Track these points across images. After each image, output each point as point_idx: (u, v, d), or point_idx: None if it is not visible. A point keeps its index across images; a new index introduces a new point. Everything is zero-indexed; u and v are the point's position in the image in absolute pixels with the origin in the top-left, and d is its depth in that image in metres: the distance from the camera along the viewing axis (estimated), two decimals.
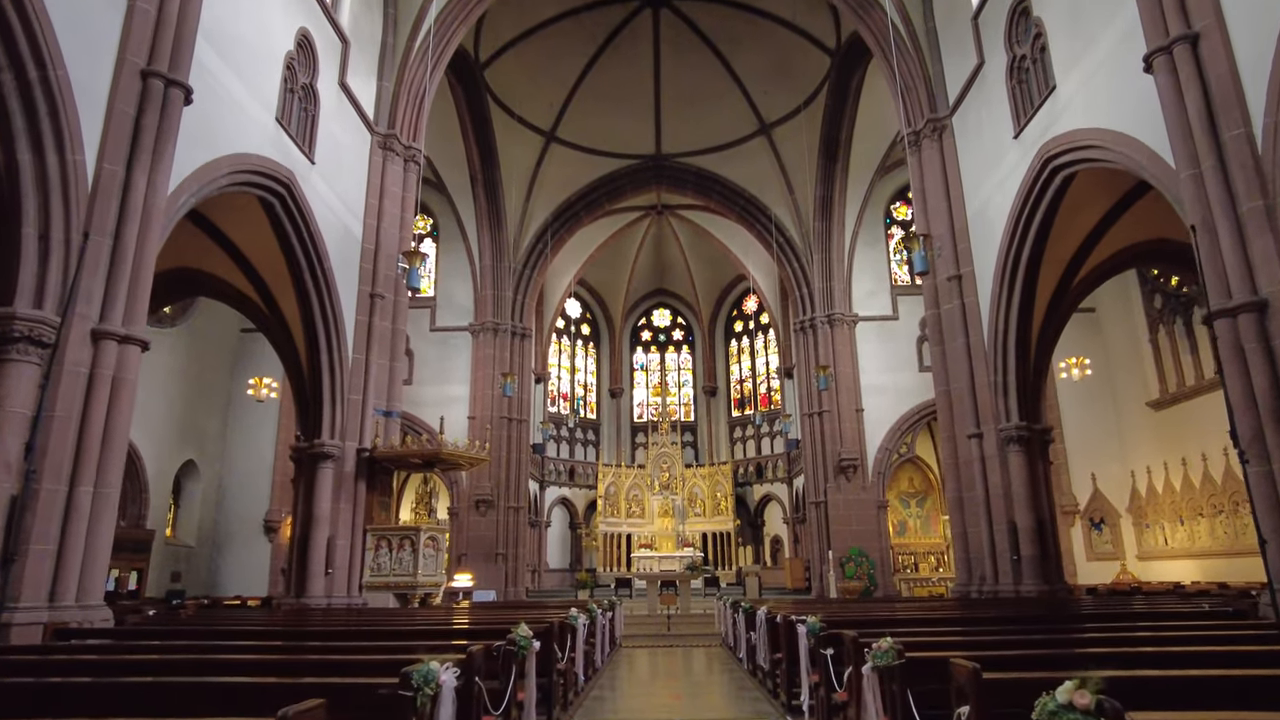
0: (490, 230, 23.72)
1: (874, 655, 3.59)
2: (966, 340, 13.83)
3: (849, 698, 4.31)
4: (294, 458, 13.65)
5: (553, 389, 29.72)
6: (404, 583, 13.21)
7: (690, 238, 29.35)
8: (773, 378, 29.95)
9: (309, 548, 12.90)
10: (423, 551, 13.31)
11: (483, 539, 22.28)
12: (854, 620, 6.21)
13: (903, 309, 24.07)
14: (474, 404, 23.18)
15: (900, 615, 7.61)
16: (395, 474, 26.92)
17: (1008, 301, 13.08)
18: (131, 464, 20.13)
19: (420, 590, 13.22)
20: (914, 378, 23.34)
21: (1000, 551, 12.85)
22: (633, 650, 13.24)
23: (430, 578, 13.37)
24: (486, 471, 22.54)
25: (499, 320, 23.63)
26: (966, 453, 13.61)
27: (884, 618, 7.37)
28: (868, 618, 7.01)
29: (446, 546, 22.26)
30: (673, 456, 29.28)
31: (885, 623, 6.69)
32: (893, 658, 3.49)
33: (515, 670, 4.47)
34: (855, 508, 22.23)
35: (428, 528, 13.57)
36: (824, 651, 4.99)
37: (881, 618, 7.33)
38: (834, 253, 23.63)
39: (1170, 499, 20.16)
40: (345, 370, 13.69)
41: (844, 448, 22.37)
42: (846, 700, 4.34)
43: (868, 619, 6.76)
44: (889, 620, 7.05)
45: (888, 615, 7.85)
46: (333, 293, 13.41)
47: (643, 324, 33.06)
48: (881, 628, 6.14)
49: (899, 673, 3.47)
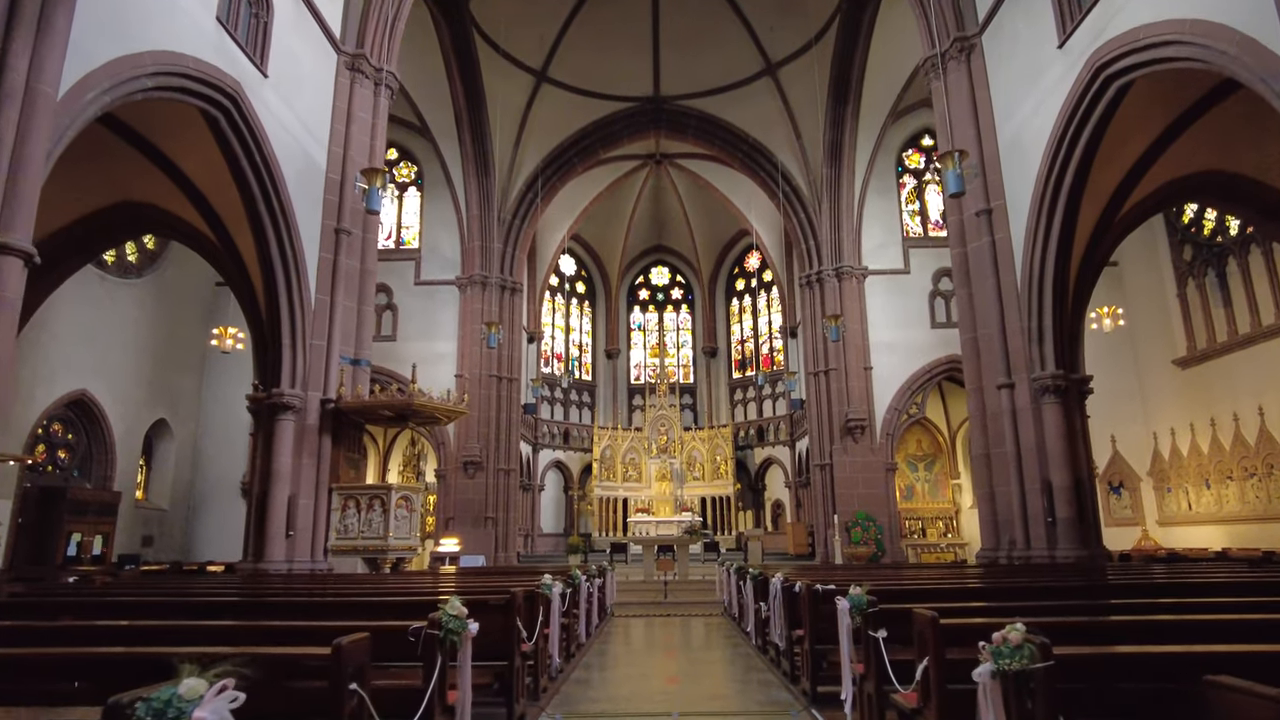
0: (477, 177, 22.08)
1: (997, 652, 2.20)
2: (997, 281, 12.33)
3: (921, 702, 2.94)
4: (252, 409, 12.24)
5: (546, 349, 28.25)
6: (374, 546, 11.87)
7: (690, 190, 27.69)
8: (775, 337, 28.46)
9: (268, 508, 11.53)
10: (395, 512, 11.96)
11: (471, 502, 20.96)
12: (890, 591, 4.83)
13: (914, 262, 22.54)
14: (461, 361, 21.74)
15: (943, 585, 6.23)
16: (385, 432, 25.59)
17: (1044, 238, 11.57)
18: (96, 423, 18.74)
19: (391, 555, 11.89)
20: (925, 334, 21.93)
21: (1033, 514, 11.48)
22: (626, 620, 11.93)
23: (403, 541, 12.02)
24: (475, 432, 21.18)
25: (487, 273, 22.09)
26: (995, 405, 12.19)
27: (919, 587, 6.00)
28: (901, 587, 5.64)
29: (423, 507, 20.95)
30: (671, 419, 27.94)
31: (926, 595, 5.33)
32: (1029, 657, 2.10)
33: (442, 661, 3.09)
34: (862, 470, 20.91)
35: (400, 487, 12.20)
36: (874, 634, 3.62)
37: (917, 587, 5.96)
38: (843, 202, 22.02)
39: (1196, 462, 18.83)
40: (307, 313, 12.21)
41: (851, 408, 20.98)
42: (918, 707, 2.96)
43: (900, 589, 5.39)
44: (929, 591, 5.68)
45: (922, 584, 6.47)
46: (291, 225, 11.88)
47: (640, 282, 31.46)
48: (926, 601, 4.76)
49: (1040, 681, 2.08)
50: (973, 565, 12.37)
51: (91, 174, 12.49)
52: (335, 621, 3.75)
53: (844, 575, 8.35)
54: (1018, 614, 3.95)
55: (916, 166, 23.65)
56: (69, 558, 16.94)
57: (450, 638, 3.07)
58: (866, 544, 20.26)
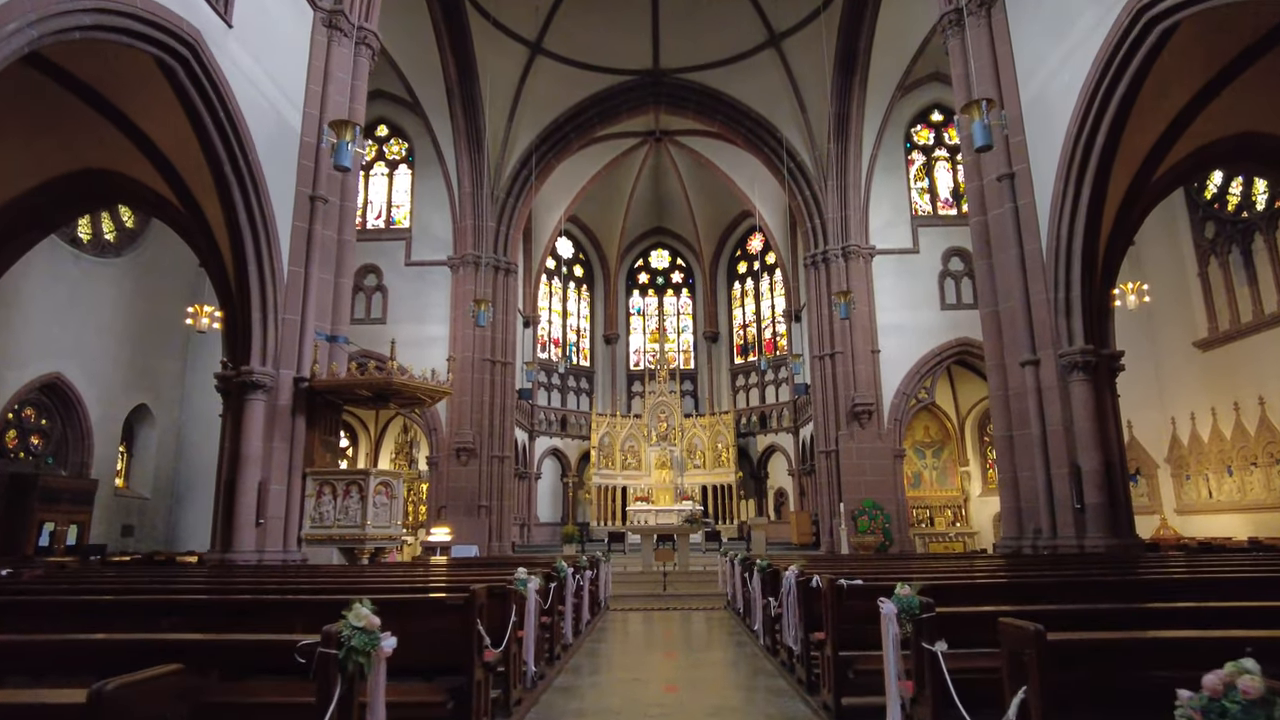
0: (469, 153, 21.10)
1: (1215, 709, 1.31)
2: (1020, 251, 11.39)
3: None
4: (220, 388, 11.33)
5: (543, 334, 27.32)
6: (350, 535, 10.98)
7: (691, 169, 26.70)
8: (778, 321, 27.52)
9: (236, 494, 10.64)
10: (373, 499, 11.06)
11: (464, 490, 20.09)
12: (933, 588, 3.93)
13: (924, 241, 21.58)
14: (453, 344, 20.82)
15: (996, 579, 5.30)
16: (376, 419, 24.70)
17: (1073, 203, 10.62)
18: (71, 407, 17.86)
19: (370, 544, 11.00)
20: (935, 316, 21.00)
21: (1060, 499, 10.58)
22: (622, 615, 11.06)
23: (382, 530, 11.13)
24: (468, 417, 20.30)
25: (480, 253, 21.14)
26: (1019, 383, 11.26)
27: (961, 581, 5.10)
28: (942, 582, 4.73)
29: (416, 495, 20.07)
30: (671, 406, 27.03)
31: (976, 593, 4.44)
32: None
33: (343, 688, 2.20)
34: (869, 457, 20.01)
35: (379, 472, 11.30)
36: (932, 648, 2.74)
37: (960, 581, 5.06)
38: (850, 178, 21.04)
39: (1218, 447, 17.92)
40: (279, 285, 11.29)
41: (858, 392, 20.06)
42: None
43: (942, 584, 4.48)
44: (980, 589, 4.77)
45: (963, 578, 5.56)
46: (261, 190, 10.94)
47: (639, 265, 30.47)
48: (980, 600, 3.87)
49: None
50: (993, 556, 11.47)
51: (47, 140, 11.56)
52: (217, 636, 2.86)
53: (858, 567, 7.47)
54: (1111, 620, 3.05)
55: (925, 142, 22.67)
56: (41, 548, 16.09)
57: (355, 659, 2.19)
58: (874, 533, 19.38)
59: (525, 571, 4.79)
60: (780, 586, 6.19)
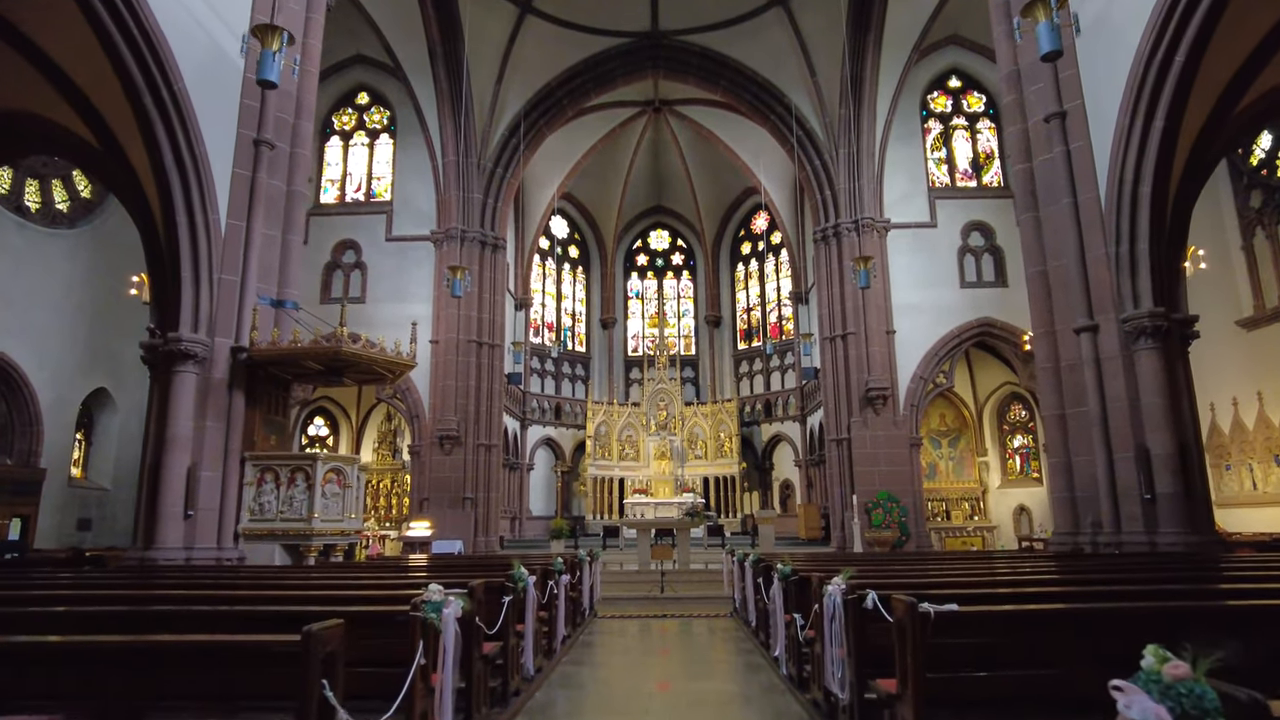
0: (454, 119, 19.38)
1: None
2: (1074, 201, 9.69)
3: None
4: (147, 359, 9.67)
5: (535, 317, 25.64)
6: (295, 530, 9.33)
7: (692, 143, 24.98)
8: (784, 304, 25.80)
9: (160, 482, 8.99)
10: (322, 489, 9.42)
11: (448, 481, 18.45)
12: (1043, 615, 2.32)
13: (942, 215, 19.88)
14: (437, 325, 19.16)
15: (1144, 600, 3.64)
16: (358, 406, 23.03)
17: (1141, 140, 8.92)
18: (16, 390, 16.20)
19: (318, 540, 9.35)
20: (954, 294, 19.32)
21: (1124, 488, 8.90)
22: (612, 623, 9.40)
23: (333, 524, 9.48)
24: (452, 403, 18.65)
25: (465, 227, 19.46)
26: (1072, 353, 9.58)
27: (1090, 608, 3.44)
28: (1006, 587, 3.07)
29: (397, 486, 18.40)
30: (671, 393, 25.37)
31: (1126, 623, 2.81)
32: None
33: None
34: (884, 445, 18.33)
35: (329, 457, 9.67)
36: None
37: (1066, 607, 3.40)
38: (863, 146, 19.32)
39: (1264, 435, 16.22)
40: (214, 240, 9.62)
41: (872, 376, 18.37)
42: None
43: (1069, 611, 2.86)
44: (1121, 618, 3.13)
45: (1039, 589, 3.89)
46: (190, 127, 9.26)
47: (638, 246, 28.72)
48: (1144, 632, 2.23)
49: None
50: (1044, 555, 9.79)
51: None
52: None
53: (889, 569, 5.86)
54: None
55: (943, 110, 20.95)
56: None
57: None
58: (889, 527, 17.72)
59: (438, 589, 3.13)
60: (809, 600, 4.58)
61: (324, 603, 3.75)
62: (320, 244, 19.97)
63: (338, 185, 20.95)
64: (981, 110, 20.95)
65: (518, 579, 4.87)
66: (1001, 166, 20.55)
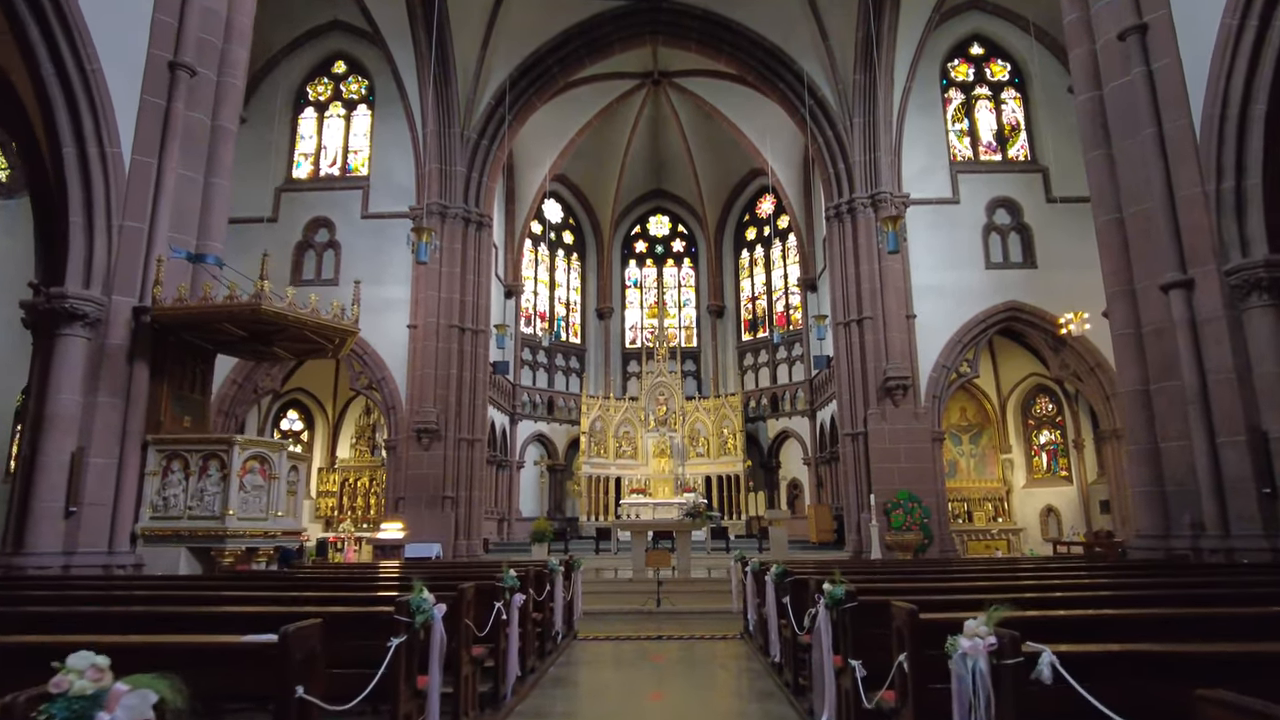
0: (436, 86, 17.58)
1: None
2: (1159, 130, 7.84)
3: None
4: (28, 320, 7.85)
5: (527, 306, 23.79)
6: (206, 530, 7.49)
7: (694, 120, 23.15)
8: (792, 292, 23.93)
9: (36, 470, 7.16)
10: (241, 480, 7.58)
11: (426, 479, 16.59)
12: None
13: (965, 190, 18.05)
14: (415, 309, 17.34)
15: None
16: (334, 398, 21.15)
17: (1254, 49, 7.08)
18: None
19: (233, 543, 7.51)
20: (979, 276, 17.48)
21: (1233, 481, 7.03)
22: (595, 648, 7.53)
23: (255, 523, 7.64)
24: (431, 393, 16.82)
25: (447, 203, 17.65)
26: (1158, 314, 7.73)
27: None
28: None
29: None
30: (671, 387, 23.51)
31: None
32: None
33: None
34: (904, 440, 16.45)
35: (250, 441, 7.84)
36: None
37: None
38: (879, 114, 17.49)
39: None
40: (115, 178, 7.79)
41: (891, 364, 16.51)
42: None
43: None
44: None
45: None
46: (79, 36, 7.45)
47: (636, 232, 26.81)
48: None
49: None
50: (1131, 562, 7.87)
51: None
52: None
53: (971, 584, 4.02)
54: None
55: (964, 79, 19.13)
56: None
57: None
58: (911, 529, 15.83)
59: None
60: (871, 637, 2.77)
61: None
62: (291, 222, 18.23)
63: (311, 159, 19.18)
64: (1006, 79, 19.14)
65: (416, 608, 3.02)
66: (1029, 139, 18.75)
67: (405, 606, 3.07)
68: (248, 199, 18.09)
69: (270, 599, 4.16)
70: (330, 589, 4.96)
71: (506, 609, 4.60)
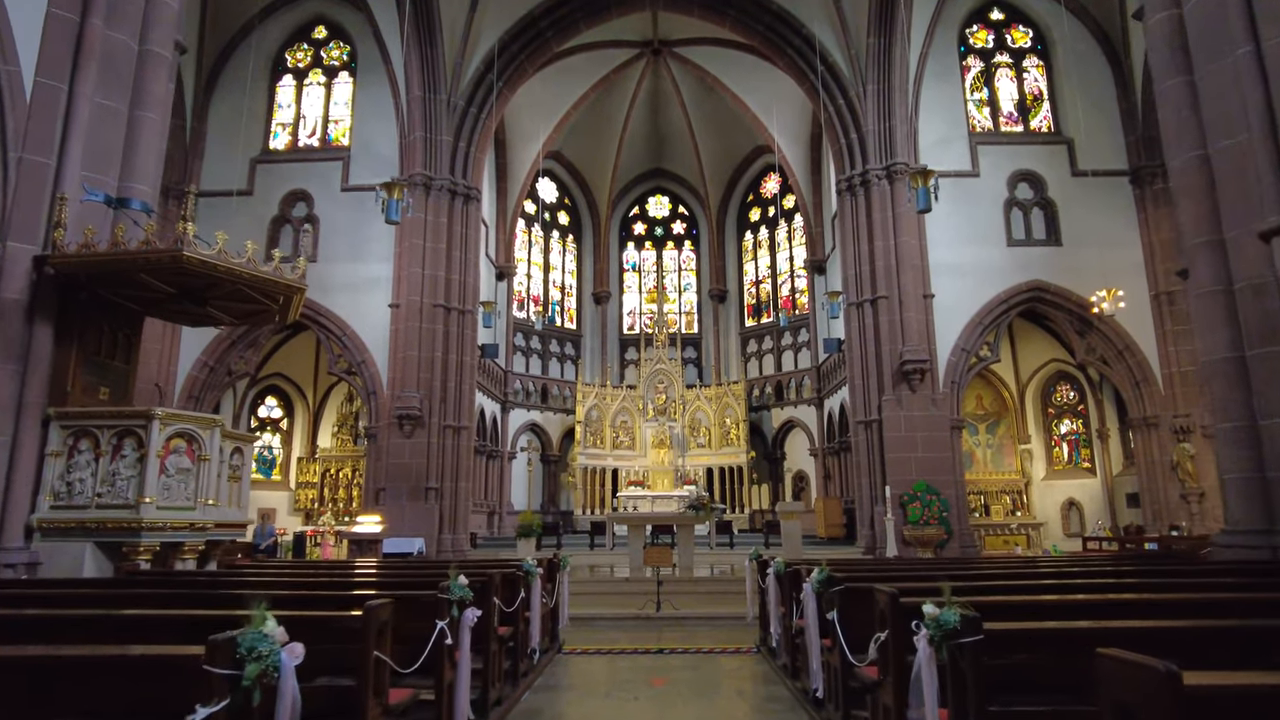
0: (420, 49, 16.25)
1: None
2: (1255, 49, 6.51)
3: None
4: None
5: (520, 289, 22.46)
6: (118, 522, 6.17)
7: (696, 94, 21.81)
8: (798, 275, 22.61)
9: None
10: (159, 461, 6.27)
11: (408, 469, 15.29)
12: None
13: (985, 163, 16.78)
14: (398, 287, 16.03)
15: None
16: (315, 385, 19.81)
17: None
18: None
19: (151, 537, 6.20)
20: (1000, 254, 16.26)
21: None
22: (583, 664, 6.22)
23: (179, 513, 6.33)
24: (413, 376, 15.50)
25: (432, 174, 16.31)
26: (1254, 268, 6.40)
27: None
28: None
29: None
30: (671, 375, 22.21)
31: None
32: None
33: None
34: (921, 428, 15.16)
35: (173, 415, 6.51)
36: None
37: None
38: (895, 80, 16.17)
39: None
40: (11, 102, 6.46)
41: (908, 346, 15.22)
42: None
43: None
44: None
45: None
46: None
47: (635, 214, 25.44)
48: None
49: None
50: (1213, 563, 6.57)
51: None
52: None
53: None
54: None
55: (984, 46, 17.84)
56: None
57: None
58: (929, 523, 14.56)
59: None
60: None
61: None
62: (267, 195, 16.93)
63: (289, 130, 17.83)
64: (1028, 46, 17.84)
65: (251, 658, 1.74)
66: (1052, 109, 17.44)
67: (240, 646, 1.78)
68: (220, 171, 16.84)
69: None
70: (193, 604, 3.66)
71: (453, 630, 3.30)
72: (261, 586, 4.17)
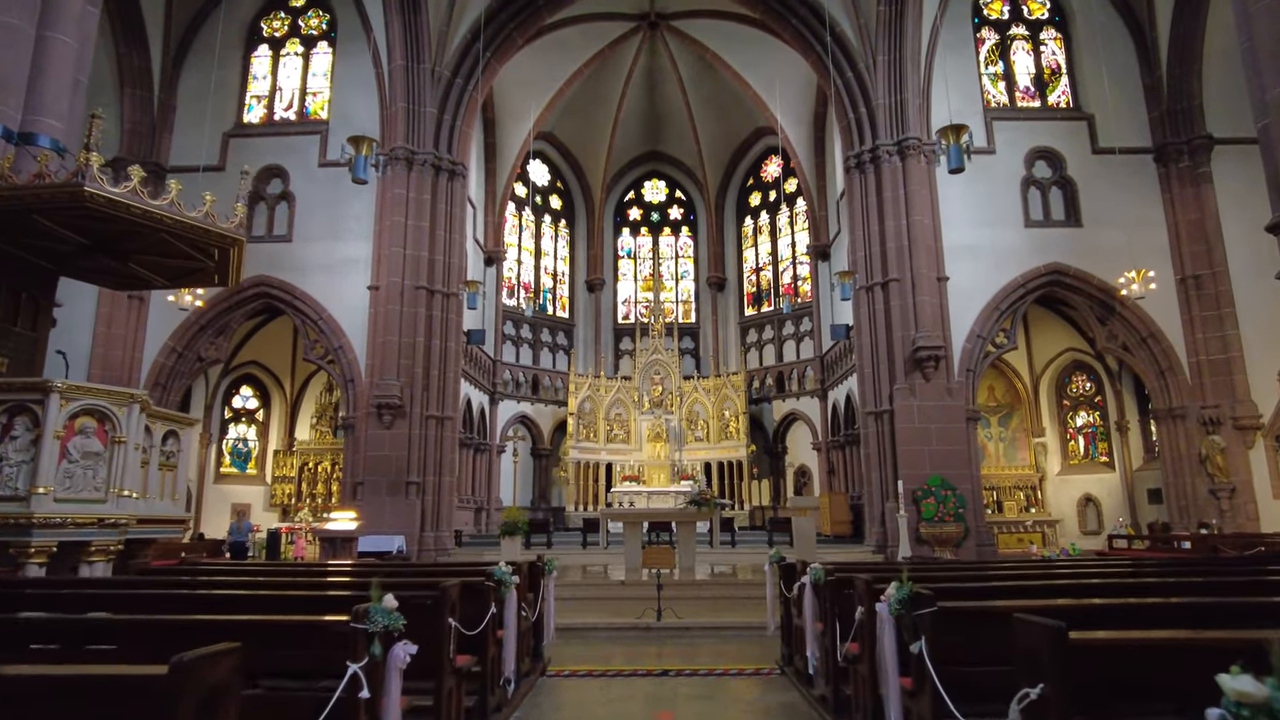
0: (403, 14, 15.11)
1: None
2: None
3: None
4: None
5: (509, 276, 21.31)
6: (4, 516, 5.05)
7: (695, 72, 20.69)
8: (800, 261, 21.53)
9: None
10: (59, 444, 5.14)
11: (388, 462, 14.16)
12: None
13: (1001, 139, 15.78)
14: (378, 268, 14.90)
15: None
16: (292, 374, 18.60)
17: None
18: None
19: (45, 535, 5.07)
20: (1017, 235, 15.29)
21: None
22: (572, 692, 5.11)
23: (85, 506, 5.20)
24: (393, 363, 14.36)
25: (416, 148, 15.16)
26: None
27: None
28: None
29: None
30: (667, 365, 21.12)
31: None
32: None
33: None
34: (935, 419, 14.11)
35: (77, 389, 5.36)
36: None
37: None
38: (907, 51, 15.12)
39: None
40: None
41: (921, 332, 14.16)
42: None
43: None
44: None
45: None
46: None
47: (630, 198, 24.28)
48: None
49: None
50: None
51: None
52: None
53: None
54: None
55: (999, 18, 16.82)
56: None
57: None
58: (945, 520, 13.52)
59: None
60: None
61: None
62: (240, 171, 15.68)
63: (264, 102, 16.66)
64: (1046, 18, 16.83)
65: None
66: (1071, 84, 16.43)
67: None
68: (191, 145, 15.66)
69: None
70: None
71: (370, 675, 2.18)
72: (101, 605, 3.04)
